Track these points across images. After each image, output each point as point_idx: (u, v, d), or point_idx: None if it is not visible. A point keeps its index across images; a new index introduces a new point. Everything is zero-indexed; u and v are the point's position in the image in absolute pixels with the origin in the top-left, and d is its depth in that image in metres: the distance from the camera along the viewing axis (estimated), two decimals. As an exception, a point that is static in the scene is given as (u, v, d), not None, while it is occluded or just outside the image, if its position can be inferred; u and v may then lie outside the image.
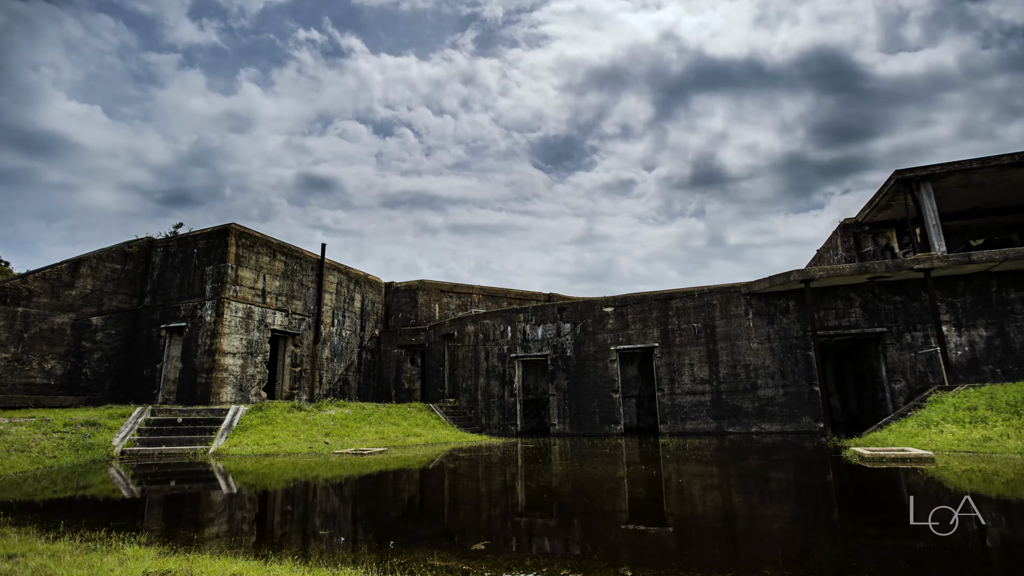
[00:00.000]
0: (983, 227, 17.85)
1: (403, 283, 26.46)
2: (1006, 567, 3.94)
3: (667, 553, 4.47)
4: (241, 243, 17.56)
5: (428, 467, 10.62)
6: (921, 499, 6.84)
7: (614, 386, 17.21)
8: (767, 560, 4.17)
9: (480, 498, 7.38)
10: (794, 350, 15.69)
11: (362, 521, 6.13)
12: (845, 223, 18.76)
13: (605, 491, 7.50)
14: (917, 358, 14.81)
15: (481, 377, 19.68)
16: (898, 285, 15.24)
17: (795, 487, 7.98)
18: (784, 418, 15.33)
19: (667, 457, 11.23)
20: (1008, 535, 4.96)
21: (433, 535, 5.25)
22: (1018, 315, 14.37)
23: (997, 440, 9.90)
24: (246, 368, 17.13)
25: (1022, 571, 3.82)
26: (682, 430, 16.13)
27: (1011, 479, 7.58)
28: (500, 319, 19.62)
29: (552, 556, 4.39)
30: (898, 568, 3.89)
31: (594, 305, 18.07)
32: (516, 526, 5.72)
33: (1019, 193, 16.12)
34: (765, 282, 15.70)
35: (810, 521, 5.69)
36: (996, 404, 11.11)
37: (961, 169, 14.50)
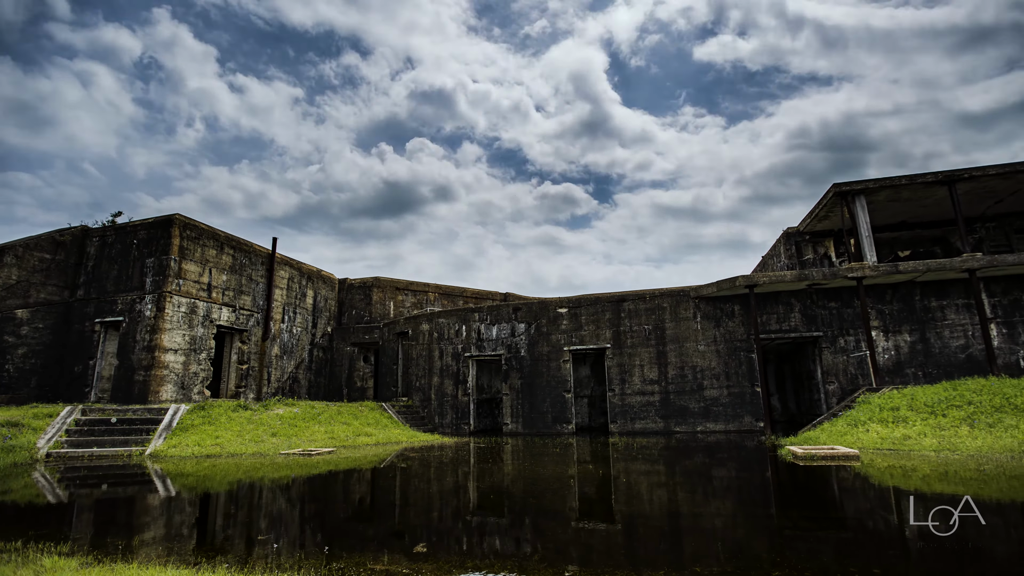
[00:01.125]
0: (910, 239, 19.10)
1: (358, 280, 25.99)
2: (920, 551, 4.26)
3: (610, 551, 4.61)
4: (186, 235, 16.83)
5: (377, 467, 10.51)
6: (849, 495, 7.29)
7: (567, 386, 17.48)
8: (704, 555, 4.37)
9: (427, 499, 7.37)
10: (738, 352, 16.34)
11: (304, 524, 6.02)
12: (788, 232, 19.68)
13: (552, 491, 7.63)
14: (849, 361, 15.71)
15: (435, 376, 19.58)
16: (834, 292, 16.11)
17: (733, 485, 8.34)
18: (728, 418, 15.96)
19: (615, 456, 11.50)
20: (926, 525, 5.35)
21: (377, 537, 5.22)
22: (938, 322, 15.45)
23: (915, 439, 10.64)
24: (189, 365, 16.44)
25: (932, 552, 4.15)
26: (631, 429, 16.54)
27: (927, 474, 8.16)
28: (455, 318, 19.57)
29: (496, 557, 4.45)
30: (826, 558, 4.15)
31: (548, 306, 18.28)
32: (462, 527, 5.75)
33: (942, 209, 17.33)
34: (713, 286, 16.28)
35: (745, 517, 5.98)
36: (916, 405, 11.93)
37: (891, 185, 15.46)
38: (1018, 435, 10.20)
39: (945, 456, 9.45)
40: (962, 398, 11.86)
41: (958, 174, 14.98)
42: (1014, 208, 17.79)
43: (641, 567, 4.05)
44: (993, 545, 4.62)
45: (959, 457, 9.29)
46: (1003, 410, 11.16)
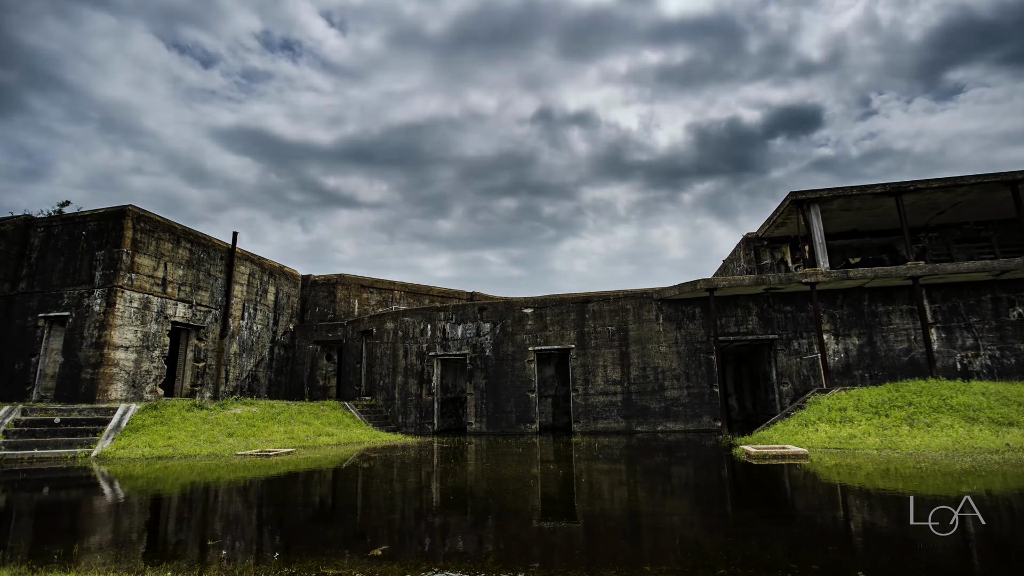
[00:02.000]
0: (861, 247, 19.96)
1: (321, 276, 25.52)
2: (864, 543, 4.49)
3: (568, 551, 4.68)
4: (140, 227, 16.20)
5: (336, 468, 10.36)
6: (795, 492, 7.59)
7: (531, 386, 17.59)
8: (658, 552, 4.49)
9: (387, 500, 7.32)
10: (698, 354, 16.77)
11: (258, 528, 5.90)
12: (747, 237, 20.29)
13: (512, 491, 7.69)
14: (802, 363, 16.32)
15: (399, 375, 19.41)
16: (789, 296, 16.71)
17: (689, 483, 8.57)
18: (687, 417, 16.36)
19: (577, 456, 11.65)
20: (868, 519, 5.63)
21: (334, 540, 5.16)
22: (884, 326, 16.21)
23: (860, 438, 11.15)
24: (140, 363, 15.84)
25: (873, 544, 4.38)
26: (594, 429, 16.78)
27: (870, 472, 8.58)
28: (420, 317, 19.44)
29: (454, 558, 4.47)
30: (769, 553, 4.32)
31: (514, 306, 18.35)
32: (422, 528, 5.75)
33: (890, 219, 18.18)
34: (675, 289, 16.65)
35: (697, 515, 6.16)
36: (861, 405, 12.50)
37: (844, 195, 16.12)
38: (952, 434, 10.82)
39: (887, 454, 9.94)
40: (904, 399, 12.49)
41: (904, 186, 15.74)
42: (954, 220, 18.80)
43: (598, 565, 4.14)
44: (929, 535, 4.90)
45: (899, 455, 9.79)
46: (940, 410, 11.80)
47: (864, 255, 19.90)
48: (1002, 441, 10.23)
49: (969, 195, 16.48)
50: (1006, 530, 5.25)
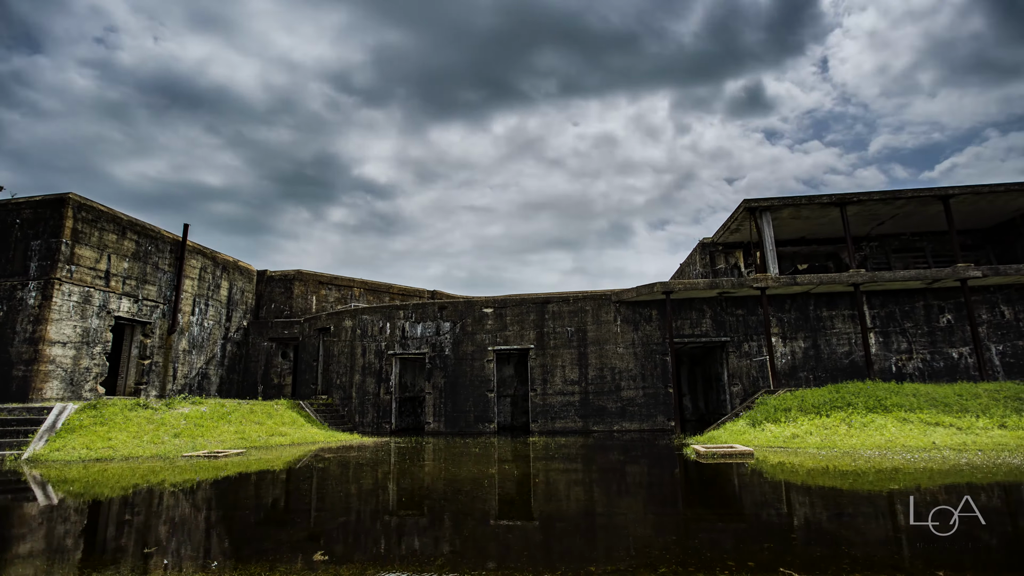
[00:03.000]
0: (808, 254, 20.87)
1: (278, 272, 24.86)
2: (798, 538, 4.72)
3: (514, 552, 4.74)
4: (81, 216, 15.40)
5: (289, 470, 10.14)
6: (740, 490, 7.89)
7: (490, 385, 17.64)
8: (603, 548, 4.60)
9: (338, 502, 7.22)
10: (654, 355, 17.18)
11: (201, 534, 5.73)
12: (703, 242, 20.91)
13: (466, 492, 7.71)
14: (752, 364, 16.95)
15: (357, 374, 19.12)
16: (741, 300, 17.32)
17: (639, 482, 8.79)
18: (642, 417, 16.74)
19: (534, 456, 11.76)
20: (804, 515, 5.92)
21: (277, 546, 5.07)
22: (828, 330, 17.01)
23: (803, 437, 11.68)
24: (80, 360, 15.06)
25: (807, 539, 4.61)
26: (552, 428, 16.97)
27: (810, 469, 9.00)
28: (380, 315, 19.20)
29: (401, 561, 4.46)
30: (707, 550, 4.50)
31: (474, 305, 18.36)
32: (371, 531, 5.70)
33: (835, 228, 19.07)
34: (633, 291, 17.01)
35: (644, 513, 6.34)
36: (805, 406, 13.10)
37: (794, 204, 16.82)
38: (886, 434, 11.46)
39: (825, 453, 10.45)
40: (843, 400, 13.15)
41: (848, 197, 16.55)
42: (893, 230, 19.89)
43: (544, 566, 4.21)
44: (865, 528, 5.19)
45: (837, 454, 10.30)
46: (875, 411, 12.48)
47: (811, 262, 20.82)
48: (929, 440, 10.91)
49: (906, 208, 17.47)
50: (936, 518, 5.62)
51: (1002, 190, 16.28)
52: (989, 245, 20.21)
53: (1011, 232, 19.36)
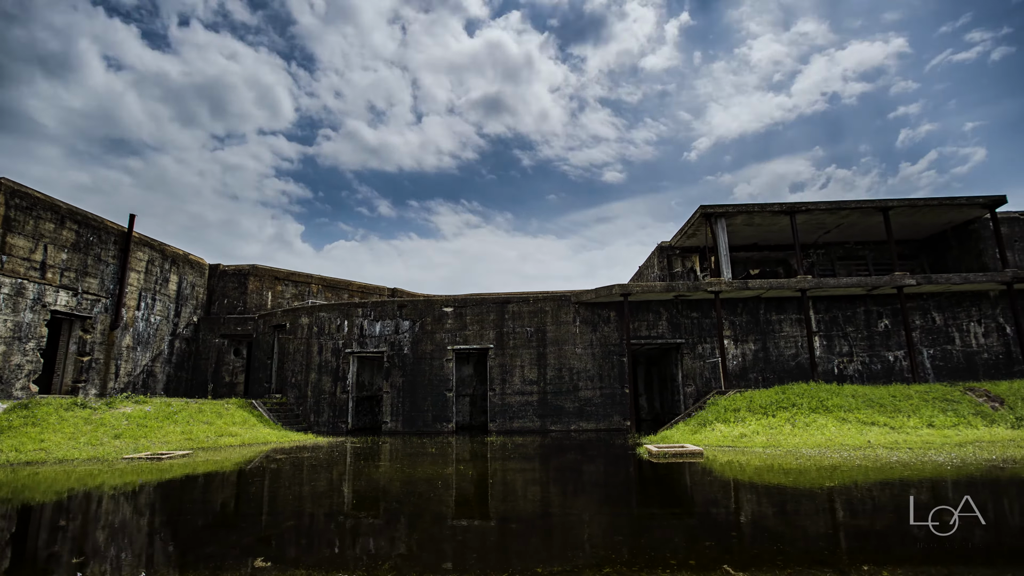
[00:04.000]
0: (760, 260, 21.67)
1: (232, 266, 24.05)
2: (739, 535, 4.91)
3: (461, 554, 4.76)
4: (14, 204, 14.49)
5: (237, 472, 9.84)
6: (687, 488, 8.14)
7: (448, 385, 17.57)
8: (554, 549, 4.67)
9: (286, 506, 7.06)
10: (612, 356, 17.49)
11: (135, 541, 5.51)
12: (661, 246, 21.40)
13: (420, 493, 7.68)
14: (705, 366, 17.47)
15: (312, 372, 18.71)
16: (696, 303, 17.82)
17: (592, 481, 8.95)
18: (599, 417, 17.02)
19: (490, 456, 11.80)
20: (747, 512, 6.16)
21: (221, 553, 4.92)
22: (776, 333, 17.70)
23: (750, 436, 12.13)
24: (10, 356, 14.19)
25: (754, 535, 4.81)
26: (510, 428, 17.05)
27: (757, 467, 9.36)
28: (337, 312, 18.84)
29: (349, 566, 4.41)
30: (662, 546, 4.64)
31: (434, 304, 18.25)
32: (319, 535, 5.61)
33: (786, 235, 19.87)
34: (592, 293, 17.26)
35: (596, 512, 6.46)
36: (753, 406, 13.60)
37: (747, 211, 17.43)
38: (827, 433, 12.03)
39: (770, 452, 10.89)
40: (788, 401, 13.72)
41: (797, 206, 17.27)
42: (838, 239, 20.88)
43: (490, 568, 4.25)
44: (802, 524, 5.45)
45: (780, 452, 10.75)
46: (817, 411, 13.08)
47: (763, 267, 21.61)
48: (865, 439, 11.52)
49: (850, 218, 18.36)
50: (867, 514, 5.95)
51: (935, 204, 17.33)
52: (924, 255, 21.47)
53: (943, 244, 20.63)
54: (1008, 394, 13.82)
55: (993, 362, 17.35)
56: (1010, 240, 19.04)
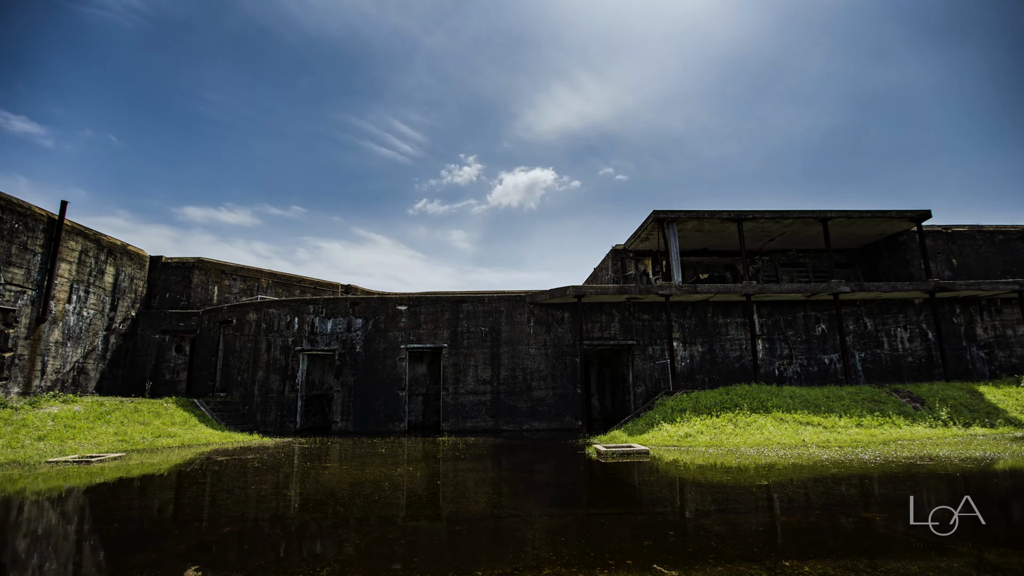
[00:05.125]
0: (709, 264, 22.43)
1: (175, 259, 23.00)
2: (677, 533, 5.08)
3: (392, 560, 4.73)
4: (-72, 187, 13.36)
5: (174, 475, 9.44)
6: (632, 487, 8.35)
7: (401, 384, 17.39)
8: (496, 550, 4.71)
9: (226, 511, 6.84)
10: (565, 356, 17.73)
11: (57, 552, 5.21)
12: (616, 249, 21.83)
13: (364, 496, 7.58)
14: (655, 367, 17.95)
15: (260, 370, 18.12)
16: (647, 306, 18.28)
17: (540, 481, 9.05)
18: (551, 417, 17.22)
19: (441, 456, 11.75)
20: (687, 511, 6.38)
21: (151, 563, 4.73)
22: (723, 336, 18.38)
23: (695, 436, 12.55)
24: (-79, 351, 13.10)
25: (690, 533, 4.99)
26: (463, 428, 17.02)
27: (700, 465, 9.70)
28: (287, 308, 18.32)
29: (286, 574, 4.32)
30: (603, 545, 4.74)
31: (388, 302, 18.01)
32: (259, 542, 5.46)
33: (734, 242, 20.65)
34: (546, 294, 17.44)
35: (541, 513, 6.55)
36: (698, 407, 14.07)
37: (698, 217, 18.01)
38: (766, 432, 12.58)
39: (713, 451, 11.31)
40: (732, 401, 14.27)
41: (744, 214, 17.97)
42: (782, 246, 21.86)
43: (428, 573, 4.24)
44: (736, 522, 5.69)
45: (722, 451, 11.18)
46: (758, 411, 13.67)
47: (711, 272, 22.38)
48: (800, 438, 12.12)
49: (793, 226, 19.25)
50: (798, 511, 6.27)
51: (869, 216, 18.39)
52: (858, 264, 22.75)
53: (875, 254, 21.91)
54: (928, 395, 14.84)
55: (916, 365, 18.57)
56: (933, 252, 20.42)
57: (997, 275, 20.46)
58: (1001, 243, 20.88)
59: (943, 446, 11.23)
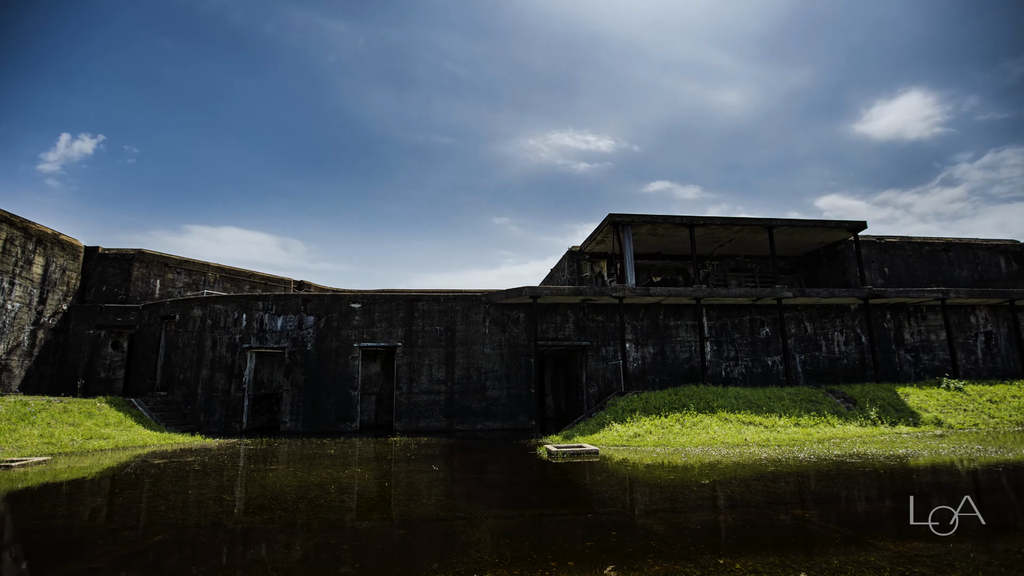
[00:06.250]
0: (662, 268, 23.04)
1: (114, 250, 21.83)
2: (624, 532, 5.20)
3: (343, 566, 4.67)
4: None
5: (105, 480, 8.97)
6: (581, 487, 8.49)
7: (354, 383, 17.08)
8: (439, 554, 4.70)
9: (158, 519, 6.55)
10: (519, 356, 17.83)
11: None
12: (572, 250, 22.12)
13: (309, 500, 7.42)
14: (608, 368, 18.29)
15: (204, 368, 17.42)
16: (601, 307, 18.61)
17: (490, 482, 9.09)
18: (505, 417, 17.29)
19: (391, 457, 11.61)
20: (635, 509, 6.54)
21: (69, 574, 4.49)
22: (674, 338, 18.91)
23: (643, 436, 12.88)
24: None
25: (633, 532, 5.11)
26: (416, 428, 16.88)
27: (648, 464, 9.95)
28: (235, 304, 17.68)
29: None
30: (547, 547, 4.81)
31: (341, 300, 17.65)
32: (184, 552, 5.26)
33: (686, 246, 21.27)
34: (502, 294, 17.49)
35: (489, 515, 6.58)
36: (648, 407, 14.44)
37: (651, 221, 18.46)
38: (711, 432, 13.04)
39: (661, 450, 11.63)
40: (680, 402, 14.72)
41: (696, 220, 18.54)
42: (731, 252, 22.68)
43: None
44: (676, 521, 5.87)
45: (669, 451, 11.52)
46: (704, 411, 14.14)
47: (664, 275, 22.99)
48: (743, 437, 12.62)
49: (741, 233, 20.00)
50: (749, 501, 6.53)
51: (811, 225, 19.33)
52: (801, 270, 23.86)
53: (817, 261, 23.05)
54: (860, 396, 15.73)
55: (851, 367, 19.65)
56: (868, 261, 21.64)
57: (923, 283, 21.88)
58: (928, 254, 22.34)
59: (871, 444, 11.93)
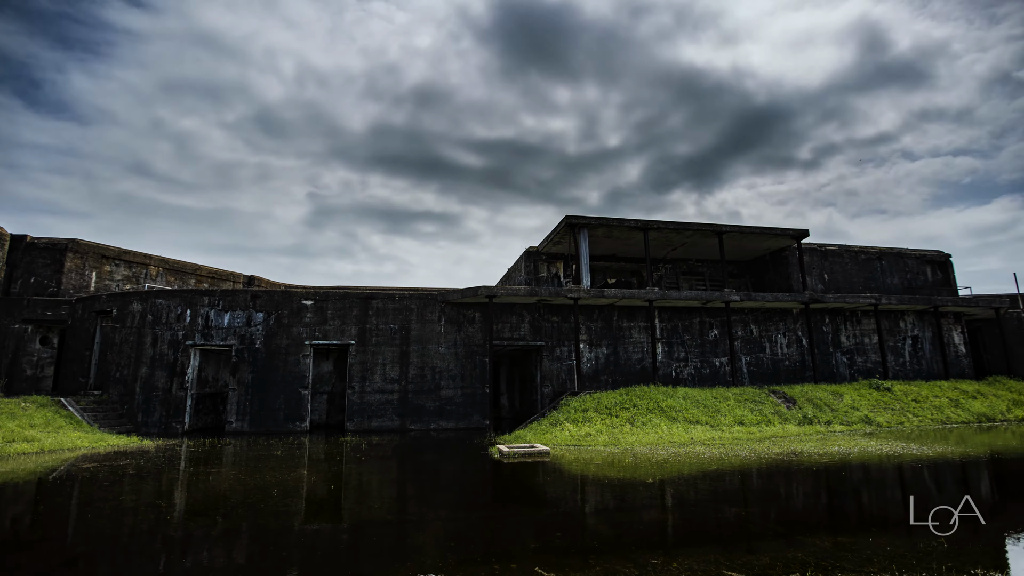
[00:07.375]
0: (617, 270, 23.48)
1: (44, 239, 20.50)
2: (566, 531, 5.28)
3: (280, 572, 4.56)
4: None
5: (28, 487, 8.43)
6: (532, 487, 8.57)
7: (304, 382, 16.66)
8: (383, 558, 4.65)
9: (82, 529, 6.21)
10: (475, 356, 17.81)
11: None
12: (529, 250, 22.25)
13: (249, 505, 7.20)
14: (562, 368, 18.50)
15: (144, 366, 16.60)
16: (557, 308, 18.80)
17: (439, 484, 9.05)
18: (459, 416, 17.24)
19: (340, 458, 11.39)
20: (580, 509, 6.64)
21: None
22: (627, 339, 19.31)
23: (594, 435, 13.09)
24: None
25: (574, 532, 5.19)
26: (368, 427, 16.61)
27: (598, 464, 10.13)
28: (178, 299, 16.92)
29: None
30: (492, 549, 4.82)
31: (293, 296, 17.17)
32: (109, 564, 5.02)
33: (640, 249, 21.75)
34: (458, 293, 17.43)
35: (436, 517, 6.56)
36: (600, 407, 14.70)
37: (607, 224, 18.78)
38: (659, 431, 13.39)
39: (610, 449, 11.86)
40: (631, 402, 15.05)
41: (650, 224, 18.99)
42: (683, 255, 23.34)
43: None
44: (618, 520, 6.00)
45: (619, 450, 11.76)
46: (654, 411, 14.51)
47: (619, 277, 23.43)
48: (689, 436, 13.03)
49: (693, 237, 20.61)
50: (691, 500, 6.73)
51: (758, 232, 20.12)
52: (748, 275, 24.80)
53: (763, 266, 24.01)
54: (799, 396, 16.50)
55: (792, 368, 20.58)
56: (810, 267, 22.71)
57: (859, 290, 23.13)
58: (864, 262, 23.64)
59: (808, 442, 12.54)
